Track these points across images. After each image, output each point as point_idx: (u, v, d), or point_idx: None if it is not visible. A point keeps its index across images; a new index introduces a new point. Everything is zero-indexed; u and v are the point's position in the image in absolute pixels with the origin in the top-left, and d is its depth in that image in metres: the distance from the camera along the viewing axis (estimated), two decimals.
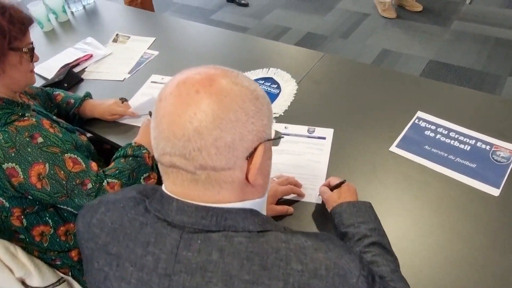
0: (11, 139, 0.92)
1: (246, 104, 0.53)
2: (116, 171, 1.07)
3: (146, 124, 1.22)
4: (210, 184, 0.53)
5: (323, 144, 1.14)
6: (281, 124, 1.24)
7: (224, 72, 0.56)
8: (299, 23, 3.35)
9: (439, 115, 1.20)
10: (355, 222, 0.81)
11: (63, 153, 0.99)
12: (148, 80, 1.52)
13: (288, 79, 1.42)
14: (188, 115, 0.50)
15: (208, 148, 0.50)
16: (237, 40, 1.72)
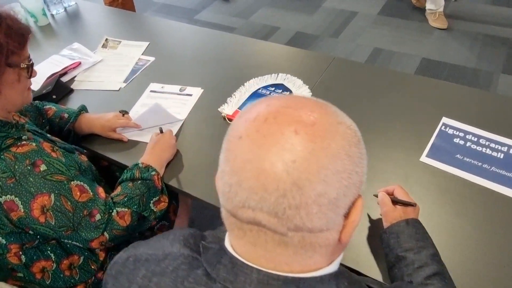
0: (10, 168, 0.80)
1: (352, 149, 0.43)
2: (124, 198, 0.96)
3: (155, 141, 1.10)
4: (303, 249, 0.43)
5: None
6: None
7: (323, 107, 0.45)
8: (287, 22, 3.27)
9: (465, 120, 1.14)
10: (415, 246, 0.73)
11: (69, 180, 0.87)
12: (147, 89, 1.40)
13: (300, 85, 1.34)
14: (284, 162, 0.39)
15: (309, 206, 0.40)
16: (238, 43, 1.62)
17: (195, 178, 1.08)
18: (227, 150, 0.44)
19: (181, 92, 1.37)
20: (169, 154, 1.11)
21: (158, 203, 1.02)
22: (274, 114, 0.43)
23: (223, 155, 0.45)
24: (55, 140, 1.06)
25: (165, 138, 1.12)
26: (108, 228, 0.91)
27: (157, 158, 1.07)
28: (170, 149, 1.12)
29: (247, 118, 0.44)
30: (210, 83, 1.39)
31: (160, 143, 1.11)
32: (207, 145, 1.17)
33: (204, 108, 1.30)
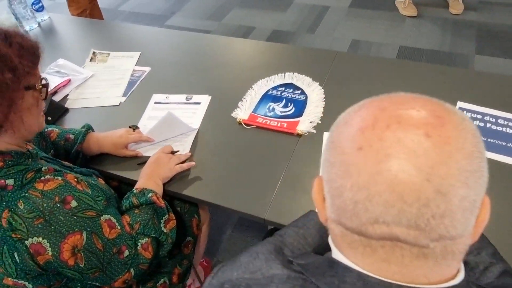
0: (37, 207, 0.72)
1: (480, 145, 0.40)
2: (140, 226, 0.91)
3: (154, 160, 1.04)
4: (444, 258, 0.40)
5: None
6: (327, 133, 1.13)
7: (442, 104, 0.42)
8: (261, 21, 3.25)
9: (479, 103, 1.17)
10: (472, 248, 0.73)
11: (99, 215, 0.81)
12: (150, 101, 1.33)
13: (309, 83, 1.31)
14: (421, 169, 0.36)
15: (454, 213, 0.37)
16: (234, 45, 1.58)
17: (218, 187, 1.03)
18: (342, 164, 0.41)
19: (188, 101, 1.31)
20: (161, 169, 1.03)
21: (168, 222, 0.96)
22: (397, 119, 0.39)
23: (335, 170, 0.42)
24: (69, 166, 0.98)
25: (152, 156, 1.06)
26: (135, 263, 0.86)
27: (150, 180, 1.00)
28: (161, 164, 1.04)
29: (362, 126, 0.41)
30: (216, 89, 1.34)
31: (149, 162, 1.04)
32: (226, 152, 1.12)
33: (215, 115, 1.25)
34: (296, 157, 1.08)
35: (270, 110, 1.23)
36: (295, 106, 1.23)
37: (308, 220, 0.84)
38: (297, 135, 1.14)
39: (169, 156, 1.06)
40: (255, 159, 1.09)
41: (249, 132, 1.18)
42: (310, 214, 0.86)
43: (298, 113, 1.20)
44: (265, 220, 0.95)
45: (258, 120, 1.20)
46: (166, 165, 1.04)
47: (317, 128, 1.15)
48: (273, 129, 1.16)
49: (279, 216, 0.95)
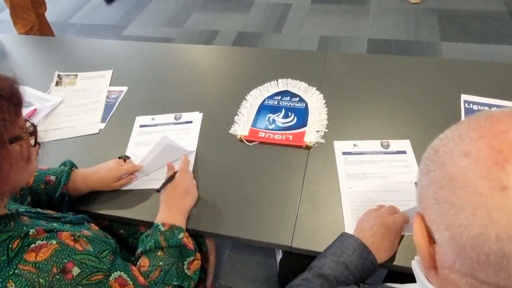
0: (33, 285, 0.58)
1: None
2: (161, 273, 0.80)
3: (184, 187, 0.93)
4: None
5: (407, 159, 0.99)
6: (349, 141, 1.06)
7: None
8: (225, 24, 3.14)
9: (482, 94, 1.14)
10: None
11: (108, 276, 0.68)
12: (135, 125, 1.19)
13: (306, 88, 1.24)
14: None
15: None
16: (215, 54, 1.47)
17: (232, 217, 0.93)
18: (478, 207, 0.33)
19: (177, 120, 1.19)
20: (190, 202, 0.93)
21: (191, 263, 0.85)
22: None
23: (466, 214, 0.34)
24: (56, 216, 0.83)
25: (179, 182, 0.94)
26: None
27: (177, 211, 0.89)
28: (190, 194, 0.94)
29: (498, 159, 0.33)
30: (206, 104, 1.23)
31: (177, 191, 0.93)
32: (232, 175, 1.02)
33: (212, 133, 1.14)
34: (310, 171, 1.00)
35: (271, 122, 1.14)
36: (297, 116, 1.15)
37: (345, 245, 0.76)
38: (306, 148, 1.06)
39: (192, 177, 0.96)
40: (266, 180, 1.00)
41: (252, 149, 1.08)
42: (345, 239, 0.78)
43: (301, 123, 1.12)
44: (292, 248, 0.86)
45: (260, 135, 1.10)
46: (194, 194, 0.94)
47: (325, 137, 1.07)
48: (279, 144, 1.07)
49: (306, 241, 0.86)
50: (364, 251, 0.74)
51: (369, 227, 0.78)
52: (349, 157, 1.01)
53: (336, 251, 0.75)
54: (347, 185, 0.94)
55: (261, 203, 0.95)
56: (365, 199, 0.91)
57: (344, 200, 0.92)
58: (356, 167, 0.98)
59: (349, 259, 0.73)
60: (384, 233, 0.77)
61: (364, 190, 0.93)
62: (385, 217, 0.79)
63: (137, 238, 1.10)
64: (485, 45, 2.56)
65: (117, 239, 0.89)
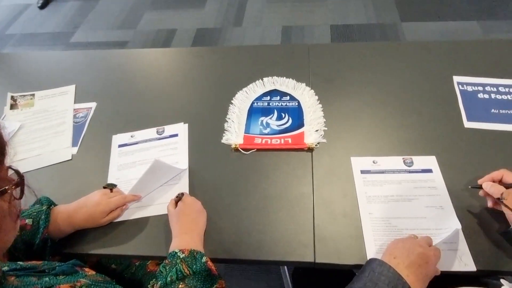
0: None
1: None
2: None
3: (178, 214, 0.83)
4: None
5: (434, 179, 0.88)
6: (367, 157, 0.99)
7: None
8: (181, 22, 2.99)
9: (474, 73, 1.13)
10: None
11: None
12: (112, 145, 1.06)
13: (294, 85, 1.16)
14: None
15: None
16: (187, 56, 1.35)
17: (232, 236, 0.84)
18: None
19: (160, 135, 1.07)
20: (203, 222, 0.85)
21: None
22: None
23: None
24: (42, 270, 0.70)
25: (188, 204, 0.85)
26: None
27: (193, 235, 0.80)
28: (201, 215, 0.86)
29: None
30: (189, 114, 1.12)
31: (186, 212, 0.83)
32: (234, 190, 0.93)
33: (202, 145, 1.04)
34: (319, 175, 0.93)
35: (265, 126, 1.05)
36: (291, 116, 1.07)
37: (376, 276, 0.66)
38: (308, 150, 0.98)
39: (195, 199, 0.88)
40: (272, 191, 0.91)
41: (250, 158, 0.99)
42: (375, 267, 0.68)
43: (297, 123, 1.05)
44: (315, 263, 0.79)
45: (256, 142, 1.01)
46: (205, 212, 0.87)
47: (326, 137, 1.01)
48: (278, 149, 0.99)
49: (329, 254, 0.79)
50: (400, 282, 0.64)
51: (405, 255, 0.68)
52: (368, 176, 0.90)
53: (366, 284, 0.65)
54: (368, 209, 0.84)
55: (271, 217, 0.86)
56: (389, 226, 0.82)
57: (365, 226, 0.82)
58: (376, 189, 0.88)
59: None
60: (422, 266, 0.67)
61: (388, 216, 0.83)
62: (424, 248, 0.70)
63: (133, 272, 0.99)
64: (444, 23, 2.62)
65: (110, 275, 0.77)
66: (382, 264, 0.67)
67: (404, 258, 0.68)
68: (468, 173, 0.89)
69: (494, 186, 0.74)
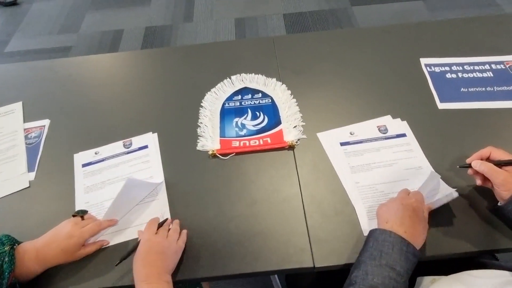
0: None
1: None
2: None
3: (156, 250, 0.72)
4: None
5: (409, 142, 0.93)
6: (345, 128, 0.96)
7: None
8: (127, 21, 2.82)
9: (439, 54, 1.14)
10: None
11: None
12: (75, 166, 0.96)
13: (264, 81, 1.11)
14: None
15: None
16: (143, 58, 1.25)
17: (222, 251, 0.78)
18: None
19: (128, 148, 0.98)
20: (172, 257, 0.74)
21: None
22: None
23: None
24: None
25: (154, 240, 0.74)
26: None
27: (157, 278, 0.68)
28: (170, 250, 0.74)
29: None
30: (158, 122, 1.04)
31: (156, 250, 0.72)
32: (212, 199, 0.87)
33: (176, 155, 0.96)
34: (304, 173, 0.89)
35: (241, 128, 1.00)
36: (266, 114, 1.02)
37: (380, 244, 0.68)
38: (289, 148, 0.95)
39: (164, 233, 0.76)
40: (258, 195, 0.87)
41: (230, 163, 0.93)
42: (377, 236, 0.69)
43: (274, 121, 1.00)
44: (315, 267, 0.76)
45: (234, 145, 0.96)
46: (170, 248, 0.74)
47: (306, 132, 0.97)
48: (258, 150, 0.95)
49: (328, 256, 0.77)
50: (403, 243, 0.66)
51: (393, 215, 0.71)
52: (348, 147, 0.92)
53: (373, 253, 0.66)
54: (354, 179, 0.86)
55: (261, 224, 0.82)
56: (376, 192, 0.83)
57: (354, 197, 0.83)
58: (358, 158, 0.90)
59: (392, 259, 0.65)
60: (412, 216, 0.70)
61: (373, 183, 0.85)
62: (404, 199, 0.73)
63: None
64: (391, 4, 2.68)
65: None
66: (383, 232, 0.69)
67: (394, 218, 0.70)
68: (449, 155, 0.90)
69: (483, 164, 0.75)
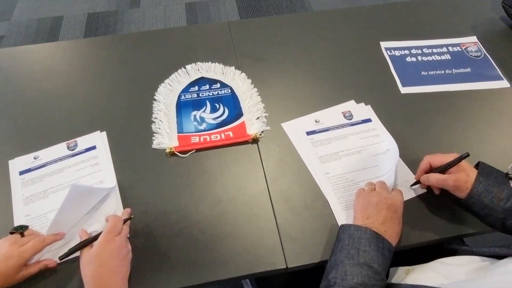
0: None
1: None
2: None
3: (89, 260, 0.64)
4: None
5: (375, 128, 0.91)
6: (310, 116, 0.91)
7: None
8: (66, 7, 2.59)
9: (398, 37, 1.12)
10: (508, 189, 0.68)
11: None
12: (11, 173, 0.84)
13: (222, 70, 1.04)
14: None
15: None
16: (87, 48, 1.12)
17: (187, 258, 0.72)
18: None
19: (72, 150, 0.88)
20: (126, 262, 0.67)
21: None
22: None
23: None
24: None
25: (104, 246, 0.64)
26: None
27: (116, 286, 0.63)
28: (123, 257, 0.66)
29: None
30: (106, 119, 0.94)
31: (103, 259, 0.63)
32: (173, 203, 0.79)
33: (129, 155, 0.87)
34: (270, 167, 0.84)
35: (200, 122, 0.92)
36: (226, 106, 0.96)
37: (356, 241, 0.65)
38: (253, 141, 0.89)
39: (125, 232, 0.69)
40: (223, 195, 0.80)
41: (190, 161, 0.86)
42: (352, 232, 0.66)
43: (235, 113, 0.94)
44: (288, 268, 0.71)
45: (193, 141, 0.89)
46: (124, 249, 0.66)
47: (269, 123, 0.92)
48: (220, 145, 0.88)
49: (301, 254, 0.72)
50: (379, 239, 0.64)
51: (376, 213, 0.68)
52: (315, 136, 0.88)
53: (350, 252, 0.63)
54: (324, 169, 0.82)
55: (229, 225, 0.76)
56: (347, 182, 0.80)
57: (325, 188, 0.80)
58: (325, 148, 0.86)
59: (369, 256, 0.62)
60: (393, 217, 0.68)
61: (343, 172, 0.82)
62: (389, 198, 0.71)
63: None
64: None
65: None
66: (359, 229, 0.66)
67: (376, 216, 0.68)
68: (413, 140, 0.88)
69: (430, 177, 0.75)
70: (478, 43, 1.10)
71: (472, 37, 1.12)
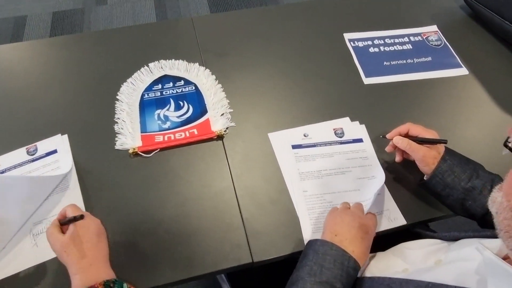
0: None
1: None
2: None
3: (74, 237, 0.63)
4: None
5: (365, 149, 0.87)
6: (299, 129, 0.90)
7: None
8: (30, 6, 2.51)
9: (361, 28, 1.13)
10: (472, 171, 0.71)
11: None
12: None
13: (186, 67, 1.03)
14: None
15: None
16: (48, 48, 1.09)
17: (152, 258, 0.72)
18: None
19: (32, 155, 0.85)
20: (105, 245, 0.67)
21: None
22: None
23: None
24: None
25: (84, 227, 0.65)
26: None
27: (99, 264, 0.63)
28: (102, 237, 0.67)
29: None
30: (67, 122, 0.91)
31: (85, 238, 0.64)
32: (137, 205, 0.78)
33: (92, 158, 0.85)
34: (235, 164, 0.84)
35: (164, 121, 0.91)
36: (190, 103, 0.95)
37: (321, 258, 0.62)
38: (218, 138, 0.88)
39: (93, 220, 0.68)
40: (188, 193, 0.80)
41: (154, 161, 0.85)
42: (318, 248, 0.64)
43: (200, 110, 0.93)
44: (253, 263, 0.72)
45: (157, 140, 0.87)
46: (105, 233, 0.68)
47: (234, 119, 0.92)
48: (185, 143, 0.87)
49: (266, 249, 0.73)
50: (345, 257, 0.62)
51: (347, 231, 0.66)
52: (300, 151, 0.85)
53: (313, 268, 0.61)
54: (302, 187, 0.80)
55: (194, 223, 0.76)
56: (324, 203, 0.78)
57: (300, 206, 0.77)
58: (309, 164, 0.83)
59: (332, 275, 0.60)
60: (364, 238, 0.66)
61: (322, 192, 0.79)
62: (362, 219, 0.68)
63: None
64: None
65: None
66: (325, 244, 0.64)
67: (346, 234, 0.66)
68: (376, 131, 0.90)
69: (403, 140, 0.76)
70: (439, 32, 1.13)
71: (433, 26, 1.14)
